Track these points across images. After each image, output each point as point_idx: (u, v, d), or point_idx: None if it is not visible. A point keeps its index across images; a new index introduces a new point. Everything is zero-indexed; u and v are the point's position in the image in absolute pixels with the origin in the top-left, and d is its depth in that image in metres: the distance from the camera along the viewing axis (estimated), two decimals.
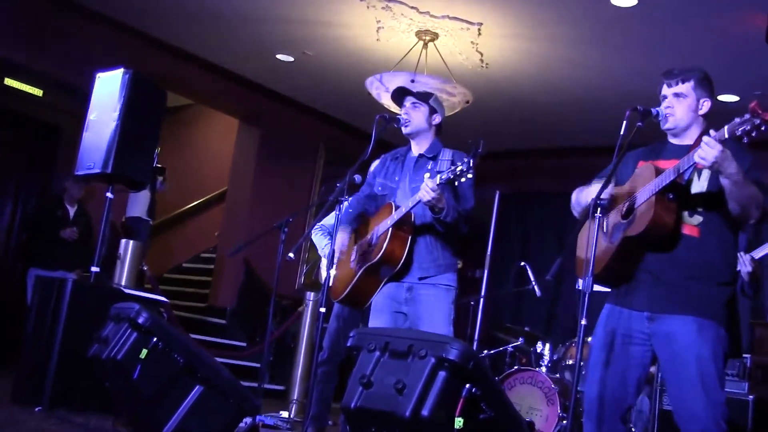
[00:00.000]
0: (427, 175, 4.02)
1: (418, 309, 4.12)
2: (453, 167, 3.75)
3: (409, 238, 4.09)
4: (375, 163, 4.69)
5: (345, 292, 4.24)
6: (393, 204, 4.17)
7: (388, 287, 4.19)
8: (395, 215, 4.07)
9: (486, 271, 7.31)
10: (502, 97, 8.54)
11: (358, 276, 4.18)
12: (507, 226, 9.72)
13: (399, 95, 4.41)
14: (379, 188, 4.40)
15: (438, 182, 3.81)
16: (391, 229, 4.06)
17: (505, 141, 9.94)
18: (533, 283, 6.67)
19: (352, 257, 4.33)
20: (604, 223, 3.29)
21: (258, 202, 9.68)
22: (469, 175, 3.71)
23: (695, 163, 2.98)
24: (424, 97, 4.34)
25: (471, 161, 3.68)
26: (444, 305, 4.13)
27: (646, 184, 3.15)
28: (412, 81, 6.55)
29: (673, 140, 3.34)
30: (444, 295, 4.14)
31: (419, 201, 3.92)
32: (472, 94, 7.03)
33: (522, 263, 6.92)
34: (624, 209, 3.23)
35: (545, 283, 4.89)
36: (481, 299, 7.25)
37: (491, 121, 9.32)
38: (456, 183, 3.78)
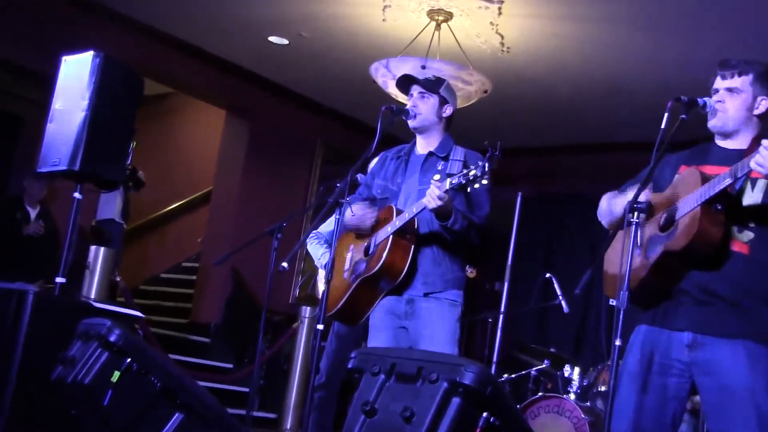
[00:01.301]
0: (437, 177, 4.01)
1: (419, 325, 4.12)
2: (465, 171, 3.73)
3: (413, 247, 4.09)
4: (374, 161, 4.69)
5: (337, 307, 4.25)
6: (394, 207, 4.16)
7: (386, 300, 4.20)
8: (397, 221, 4.06)
9: (506, 284, 7.30)
10: (526, 87, 8.54)
11: (352, 289, 4.18)
12: (530, 233, 9.72)
13: (405, 83, 4.40)
14: (378, 191, 4.40)
15: (447, 187, 3.80)
16: (392, 236, 4.06)
17: (528, 136, 9.93)
18: (560, 297, 6.66)
19: (346, 265, 4.32)
20: (638, 234, 3.25)
21: (247, 204, 9.69)
22: (484, 181, 3.68)
23: (750, 170, 2.91)
24: (433, 85, 4.33)
25: (486, 165, 3.66)
26: (448, 322, 4.13)
27: (690, 191, 3.08)
28: (423, 67, 6.55)
29: (721, 143, 3.28)
30: (448, 311, 4.15)
31: (424, 207, 3.91)
32: (490, 82, 7.02)
33: (547, 275, 6.92)
34: (662, 220, 3.19)
35: (574, 297, 4.87)
36: (501, 316, 7.24)
37: (512, 113, 9.32)
38: (468, 189, 3.77)
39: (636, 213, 3.03)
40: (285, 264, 4.18)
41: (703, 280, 3.11)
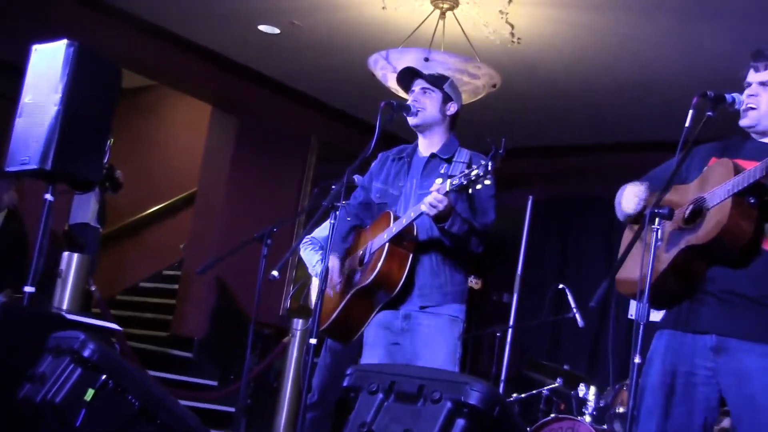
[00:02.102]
0: (439, 180, 3.99)
1: (416, 343, 4.12)
2: (467, 171, 3.72)
3: (411, 256, 4.09)
4: (374, 163, 4.68)
5: (328, 322, 4.26)
6: (392, 213, 4.16)
7: (381, 315, 4.20)
8: (394, 227, 4.06)
9: (515, 296, 7.30)
10: (538, 81, 8.54)
11: (345, 301, 4.18)
12: (542, 240, 9.72)
13: (407, 77, 4.40)
14: (377, 195, 4.39)
15: (447, 189, 3.80)
16: (388, 244, 4.06)
17: (540, 135, 9.94)
18: (574, 310, 6.66)
19: (338, 278, 4.32)
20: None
21: (234, 207, 9.69)
22: (487, 182, 3.67)
23: None
24: (437, 81, 4.33)
25: (489, 164, 3.64)
26: (447, 340, 4.13)
27: (720, 182, 3.07)
28: (426, 60, 6.55)
29: (757, 137, 3.26)
30: (448, 328, 4.14)
31: (421, 213, 3.91)
32: (499, 76, 7.02)
33: (560, 286, 6.90)
34: (687, 212, 3.18)
35: (589, 310, 4.87)
36: (510, 330, 7.24)
37: (523, 109, 9.32)
38: (470, 190, 3.75)
39: (657, 220, 3.01)
40: (275, 272, 4.17)
41: (728, 279, 3.09)
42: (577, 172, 10.29)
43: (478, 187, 3.70)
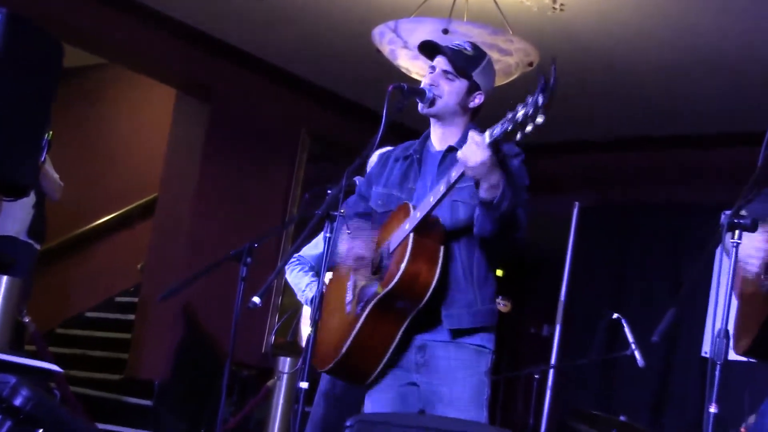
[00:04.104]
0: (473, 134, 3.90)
1: (435, 380, 4.09)
2: (510, 114, 3.63)
3: (442, 250, 4.01)
4: (373, 161, 4.67)
5: (339, 356, 4.16)
6: (410, 204, 4.10)
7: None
8: (418, 212, 3.97)
9: (558, 327, 7.29)
10: (585, 59, 8.54)
11: (362, 320, 4.08)
12: (591, 257, 9.72)
13: (429, 49, 4.35)
14: (379, 202, 4.36)
15: (490, 138, 3.72)
16: (412, 235, 3.97)
17: (588, 127, 9.94)
18: (633, 346, 6.65)
19: (348, 296, 4.29)
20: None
21: (205, 217, 9.69)
22: (540, 119, 3.57)
23: None
24: (466, 62, 4.24)
25: (540, 98, 3.54)
26: (473, 375, 4.10)
27: None
28: (445, 32, 6.54)
29: None
30: (474, 361, 4.11)
31: (458, 176, 3.80)
32: (537, 51, 7.01)
33: (615, 315, 6.90)
34: None
35: (652, 346, 4.85)
36: (551, 371, 7.22)
37: (566, 95, 9.29)
38: (519, 136, 3.60)
39: (737, 231, 2.99)
40: (257, 299, 4.16)
41: None
42: (636, 172, 10.29)
43: (529, 128, 3.57)
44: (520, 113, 3.56)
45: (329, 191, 4.12)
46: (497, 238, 4.01)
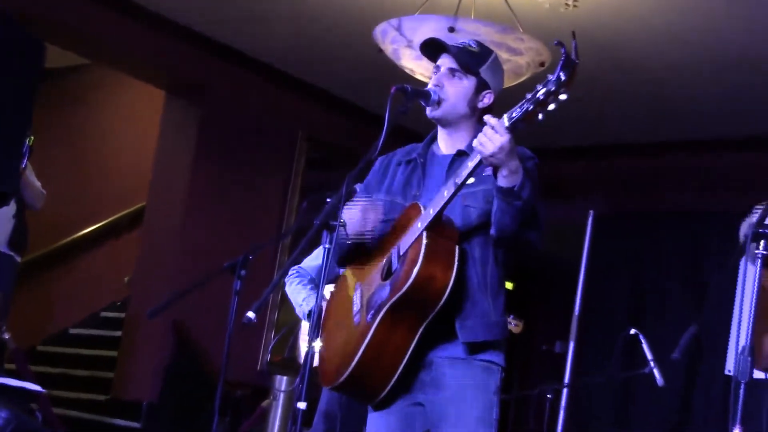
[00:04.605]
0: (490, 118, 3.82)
1: (440, 400, 4.07)
2: (530, 94, 3.60)
3: (456, 250, 3.97)
4: (372, 171, 4.66)
5: (349, 369, 4.10)
6: (421, 204, 4.06)
7: None
8: (431, 209, 3.93)
9: (572, 344, 7.28)
10: (600, 58, 8.54)
11: (374, 328, 4.03)
12: (607, 268, 9.73)
13: (433, 48, 4.36)
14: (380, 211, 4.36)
15: (509, 121, 3.68)
16: (426, 234, 3.94)
17: (603, 130, 9.93)
18: (651, 363, 6.65)
19: (355, 306, 4.26)
20: None
21: (196, 227, 9.69)
22: (563, 96, 3.56)
23: None
24: (472, 59, 4.25)
25: (561, 75, 3.55)
26: (482, 395, 4.07)
27: None
28: (451, 30, 6.55)
29: None
30: (483, 379, 4.09)
31: (474, 167, 3.77)
32: (549, 51, 7.01)
33: (632, 330, 6.89)
34: None
35: (672, 364, 4.84)
36: (564, 390, 7.21)
37: (581, 97, 9.29)
38: (541, 115, 3.59)
39: (763, 241, 2.99)
40: (251, 314, 4.15)
41: None
42: (655, 178, 10.29)
43: (551, 107, 3.56)
44: (541, 91, 3.55)
45: (328, 199, 4.10)
46: (515, 238, 3.98)
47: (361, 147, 4.18)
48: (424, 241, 3.90)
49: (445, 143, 4.30)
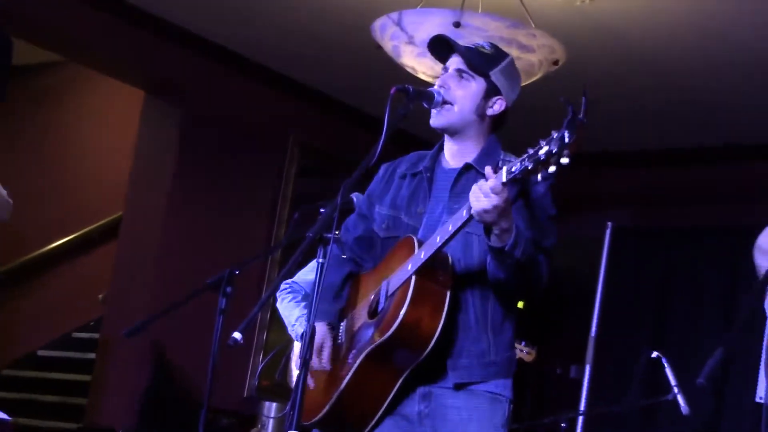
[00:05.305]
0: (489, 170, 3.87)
1: None
2: (531, 151, 3.57)
3: (449, 295, 3.98)
4: (375, 179, 4.66)
5: (326, 408, 4.17)
6: (415, 239, 4.08)
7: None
8: (423, 252, 3.96)
9: (588, 368, 7.29)
10: (618, 57, 8.54)
11: (352, 374, 4.09)
12: (626, 286, 9.73)
13: (440, 46, 4.35)
14: (383, 226, 4.35)
15: (505, 179, 3.67)
16: (414, 278, 3.96)
17: (621, 135, 9.94)
18: (675, 389, 6.66)
19: (340, 336, 4.29)
20: None
21: (177, 240, 9.69)
22: (564, 160, 3.51)
23: None
24: (483, 60, 4.25)
25: (566, 135, 3.48)
26: (488, 429, 4.08)
27: None
28: (457, 25, 6.55)
29: None
30: (488, 411, 4.09)
31: (466, 218, 3.78)
32: (563, 48, 7.01)
33: (655, 354, 6.90)
34: None
35: (697, 390, 4.84)
36: (580, 418, 7.21)
37: (597, 100, 9.29)
38: (540, 176, 3.55)
39: None
40: (238, 335, 4.13)
41: None
42: (678, 189, 10.30)
43: (552, 170, 3.51)
44: (543, 150, 3.50)
45: (322, 210, 4.10)
46: (513, 287, 4.02)
47: (358, 153, 4.17)
48: (412, 286, 3.93)
49: (452, 155, 4.30)
